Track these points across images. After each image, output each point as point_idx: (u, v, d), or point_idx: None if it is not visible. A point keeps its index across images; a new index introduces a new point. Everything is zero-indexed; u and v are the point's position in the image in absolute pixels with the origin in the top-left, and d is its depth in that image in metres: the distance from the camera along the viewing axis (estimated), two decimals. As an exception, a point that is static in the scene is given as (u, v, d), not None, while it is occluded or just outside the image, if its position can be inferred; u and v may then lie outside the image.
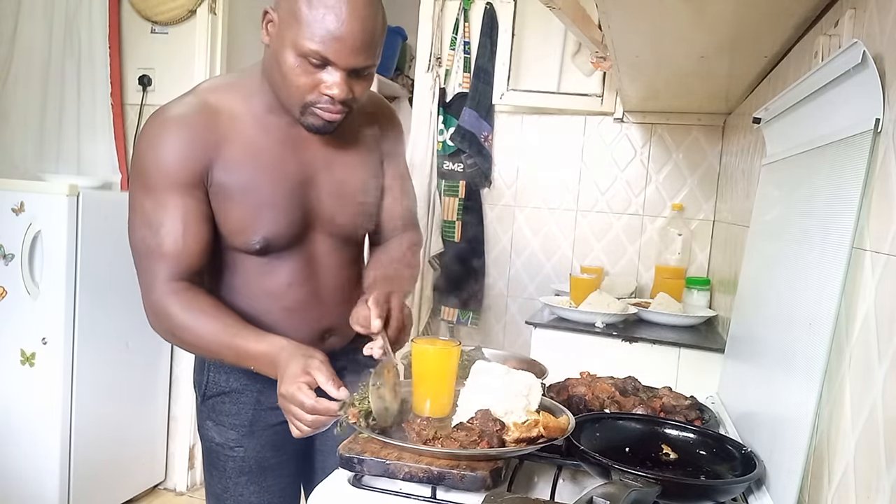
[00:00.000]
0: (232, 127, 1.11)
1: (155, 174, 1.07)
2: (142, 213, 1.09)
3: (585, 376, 1.36)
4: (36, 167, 2.76)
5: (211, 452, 1.28)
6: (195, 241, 1.09)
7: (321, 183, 1.18)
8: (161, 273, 1.08)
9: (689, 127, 2.56)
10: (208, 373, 1.27)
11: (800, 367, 0.94)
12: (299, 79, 1.04)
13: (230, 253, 1.16)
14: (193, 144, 1.07)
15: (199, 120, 1.09)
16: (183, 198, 1.07)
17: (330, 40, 1.00)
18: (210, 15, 2.71)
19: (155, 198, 1.07)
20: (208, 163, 1.08)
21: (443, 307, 2.81)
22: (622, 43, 1.55)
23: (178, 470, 2.88)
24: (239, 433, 1.25)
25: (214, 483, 1.28)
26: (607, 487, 0.84)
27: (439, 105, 2.75)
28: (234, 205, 1.11)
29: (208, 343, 1.08)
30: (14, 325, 2.33)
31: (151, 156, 1.08)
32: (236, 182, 1.10)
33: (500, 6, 2.72)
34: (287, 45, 1.03)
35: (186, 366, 2.82)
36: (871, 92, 0.84)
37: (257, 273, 1.17)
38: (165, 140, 1.07)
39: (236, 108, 1.12)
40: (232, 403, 1.25)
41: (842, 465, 0.82)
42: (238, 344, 1.06)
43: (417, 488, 0.94)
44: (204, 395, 1.28)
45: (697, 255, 2.57)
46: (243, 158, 1.10)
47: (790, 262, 1.08)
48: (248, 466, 1.25)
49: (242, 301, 1.19)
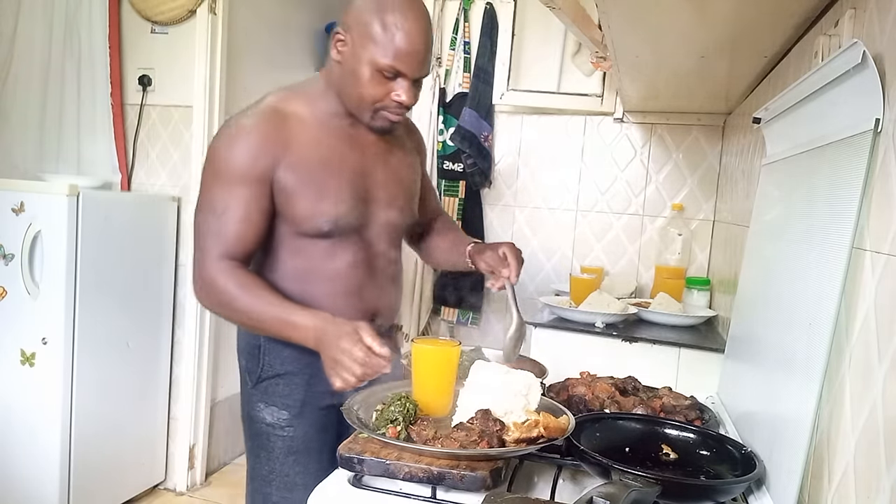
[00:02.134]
0: (299, 129, 1.27)
1: (226, 167, 1.23)
2: (210, 197, 1.25)
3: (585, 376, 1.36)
4: (36, 167, 2.76)
5: (260, 434, 1.37)
6: (251, 229, 1.24)
7: (377, 175, 1.35)
8: (215, 251, 1.24)
9: (689, 127, 2.56)
10: (263, 357, 1.37)
11: (800, 367, 0.94)
12: (374, 89, 1.22)
13: (298, 240, 1.30)
14: (262, 146, 1.22)
15: (269, 124, 1.24)
16: (249, 190, 1.22)
17: (402, 56, 1.19)
18: (210, 15, 2.71)
19: (224, 187, 1.23)
20: (275, 161, 1.23)
21: (443, 307, 2.81)
22: (622, 43, 1.55)
23: (178, 470, 2.87)
24: (290, 413, 1.35)
25: (261, 465, 1.36)
26: (607, 487, 0.84)
27: (439, 105, 2.75)
28: (303, 194, 1.25)
29: (256, 314, 1.21)
30: (14, 325, 2.33)
31: (225, 152, 1.24)
32: (303, 175, 1.25)
33: (500, 6, 2.72)
34: (363, 61, 1.20)
35: (186, 366, 2.82)
36: (871, 92, 0.84)
37: (322, 257, 1.31)
38: (239, 140, 1.23)
39: (302, 112, 1.28)
40: (285, 385, 1.35)
41: (842, 465, 0.82)
42: (284, 316, 1.19)
43: (417, 488, 0.94)
44: (259, 378, 1.37)
45: (697, 255, 2.57)
46: (310, 155, 1.26)
47: (790, 262, 1.08)
48: (296, 447, 1.34)
49: (306, 285, 1.31)
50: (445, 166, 2.77)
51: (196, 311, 2.80)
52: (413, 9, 1.20)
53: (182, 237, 2.78)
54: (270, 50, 3.18)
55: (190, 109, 2.76)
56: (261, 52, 3.11)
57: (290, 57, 3.39)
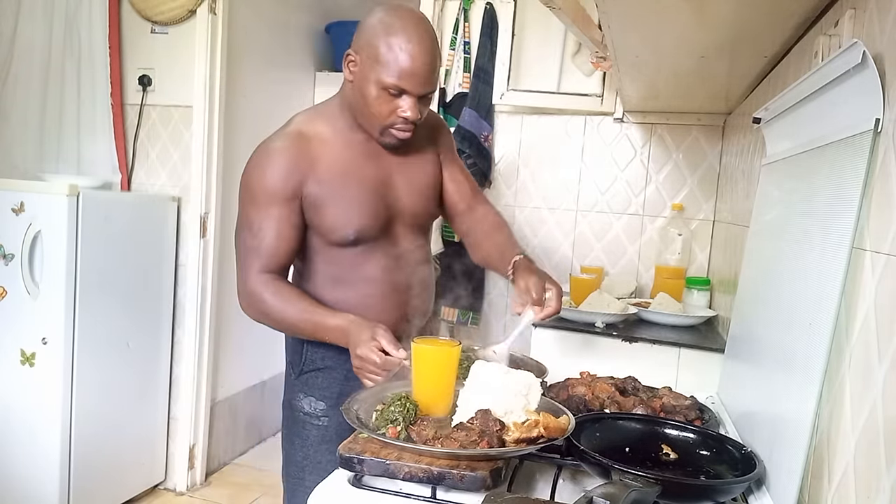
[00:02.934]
0: (322, 149, 1.36)
1: (259, 190, 1.33)
2: (247, 219, 1.35)
3: (585, 376, 1.36)
4: (36, 167, 2.76)
5: (297, 422, 1.47)
6: (286, 244, 1.35)
7: (397, 183, 1.43)
8: (255, 266, 1.34)
9: (689, 127, 2.56)
10: (306, 352, 1.46)
11: (800, 367, 0.94)
12: (381, 107, 1.30)
13: (331, 250, 1.39)
14: (291, 167, 1.33)
15: (295, 147, 1.34)
16: (280, 209, 1.33)
17: (406, 75, 1.26)
18: (210, 15, 2.71)
19: (258, 208, 1.34)
20: (303, 179, 1.33)
21: (443, 307, 2.81)
22: (622, 43, 1.55)
23: (178, 470, 2.87)
24: (327, 404, 1.44)
25: (296, 451, 1.46)
26: (607, 487, 0.84)
27: (439, 105, 2.75)
28: (329, 208, 1.35)
29: (293, 320, 1.33)
30: (14, 325, 2.33)
31: (258, 176, 1.34)
32: (329, 189, 1.34)
33: (500, 6, 2.72)
34: (370, 81, 1.28)
35: (186, 366, 2.82)
36: (871, 92, 0.84)
37: (355, 264, 1.40)
38: (269, 165, 1.34)
39: (323, 132, 1.38)
40: (324, 378, 1.45)
41: (842, 465, 0.82)
42: (317, 320, 1.31)
43: (417, 488, 0.94)
44: (301, 370, 1.47)
45: (697, 255, 2.57)
46: (334, 170, 1.36)
47: (790, 262, 1.08)
48: (330, 435, 1.42)
49: (343, 290, 1.41)
50: (445, 166, 2.77)
51: (196, 311, 2.80)
52: (417, 31, 1.27)
53: (182, 237, 2.78)
54: (270, 50, 3.18)
55: (190, 109, 2.76)
56: (261, 52, 3.11)
57: (290, 57, 3.39)
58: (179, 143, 2.80)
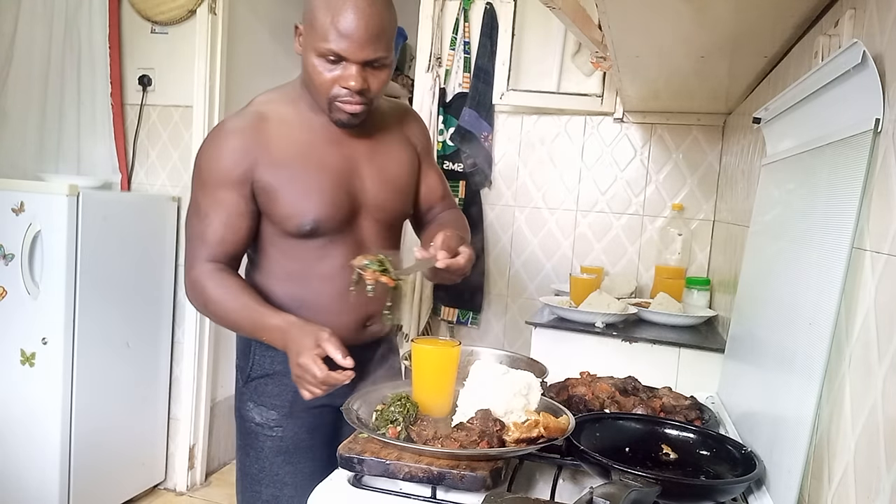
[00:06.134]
0: (279, 129, 1.27)
1: (208, 174, 1.26)
2: (195, 203, 1.28)
3: (585, 376, 1.36)
4: (36, 167, 2.76)
5: (249, 433, 1.37)
6: (233, 233, 1.26)
7: (364, 172, 1.32)
8: (202, 255, 1.26)
9: (689, 127, 2.56)
10: (254, 356, 1.36)
11: (800, 367, 0.94)
12: (321, 76, 1.20)
13: (287, 241, 1.29)
14: (242, 149, 1.24)
15: (249, 128, 1.25)
16: (229, 195, 1.24)
17: (339, 38, 1.15)
18: (210, 15, 2.71)
19: (206, 193, 1.26)
20: (254, 163, 1.24)
21: (443, 307, 2.81)
22: (622, 43, 1.55)
23: (178, 470, 2.88)
24: (280, 413, 1.34)
25: (250, 463, 1.37)
26: (607, 487, 0.84)
27: (439, 105, 2.75)
28: (283, 194, 1.25)
29: (233, 315, 1.24)
30: (14, 325, 2.33)
31: (206, 159, 1.27)
32: (284, 174, 1.25)
33: (500, 6, 2.72)
34: (310, 49, 1.20)
35: (186, 366, 2.82)
36: (871, 92, 0.84)
37: (312, 259, 1.30)
38: (218, 146, 1.26)
39: (285, 113, 1.29)
40: (275, 385, 1.35)
41: (842, 465, 0.82)
42: (256, 317, 1.21)
43: (417, 488, 0.94)
44: (248, 377, 1.37)
45: (697, 255, 2.57)
46: (290, 154, 1.26)
47: (790, 262, 1.08)
48: (286, 446, 1.34)
49: (298, 286, 1.31)
50: (445, 166, 2.77)
51: (196, 311, 2.80)
52: None
53: (182, 237, 2.78)
54: (270, 50, 3.18)
55: (190, 109, 2.76)
56: (261, 52, 3.11)
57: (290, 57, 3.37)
58: (179, 144, 2.80)
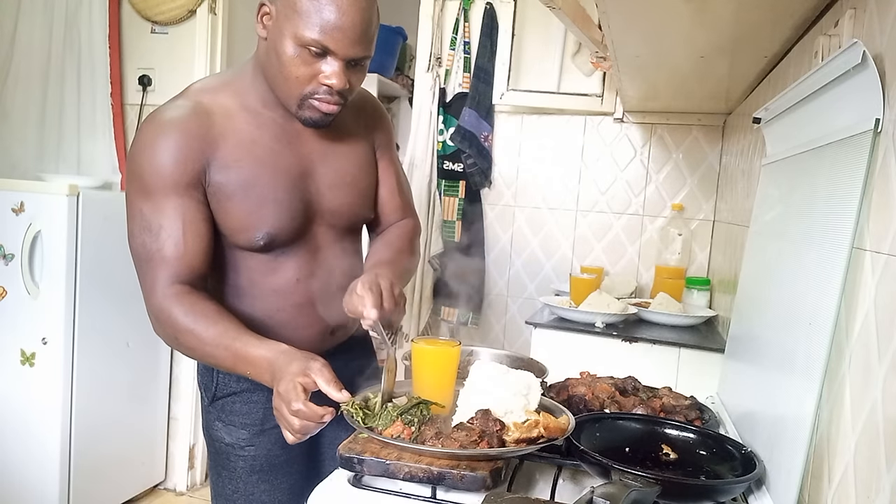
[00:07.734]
0: (227, 125, 1.11)
1: (151, 178, 1.06)
2: (140, 217, 1.08)
3: (585, 376, 1.36)
4: (36, 167, 2.76)
5: (220, 454, 1.26)
6: (196, 242, 1.08)
7: (319, 175, 1.19)
8: (162, 277, 1.07)
9: (689, 127, 2.56)
10: (217, 374, 1.25)
11: (800, 367, 0.94)
12: (298, 69, 1.05)
13: (235, 253, 1.16)
14: (188, 146, 1.07)
15: (193, 121, 1.08)
16: (181, 199, 1.07)
17: (330, 30, 1.02)
18: (210, 15, 2.71)
19: (153, 201, 1.07)
20: (205, 163, 1.08)
21: (443, 307, 2.81)
22: (622, 43, 1.55)
23: (178, 470, 2.88)
24: (250, 432, 1.24)
25: (224, 484, 1.26)
26: (607, 487, 0.83)
27: (439, 105, 2.75)
28: (235, 202, 1.10)
29: (210, 347, 1.05)
30: (14, 325, 2.33)
31: (147, 160, 1.07)
32: (235, 179, 1.10)
33: (500, 6, 2.72)
34: (286, 35, 1.04)
35: (186, 366, 2.82)
36: (871, 92, 0.84)
37: (263, 272, 1.17)
38: (160, 143, 1.07)
39: (230, 105, 1.13)
40: (243, 403, 1.24)
41: (842, 465, 0.82)
42: (237, 347, 1.03)
43: (417, 488, 0.94)
44: (214, 396, 1.26)
45: (697, 255, 2.57)
46: (240, 155, 1.10)
47: (790, 262, 1.08)
48: (259, 465, 1.24)
49: (250, 302, 1.18)
50: (445, 166, 2.77)
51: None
52: None
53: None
54: (270, 50, 3.18)
55: (190, 109, 2.76)
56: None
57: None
58: (179, 143, 2.80)
